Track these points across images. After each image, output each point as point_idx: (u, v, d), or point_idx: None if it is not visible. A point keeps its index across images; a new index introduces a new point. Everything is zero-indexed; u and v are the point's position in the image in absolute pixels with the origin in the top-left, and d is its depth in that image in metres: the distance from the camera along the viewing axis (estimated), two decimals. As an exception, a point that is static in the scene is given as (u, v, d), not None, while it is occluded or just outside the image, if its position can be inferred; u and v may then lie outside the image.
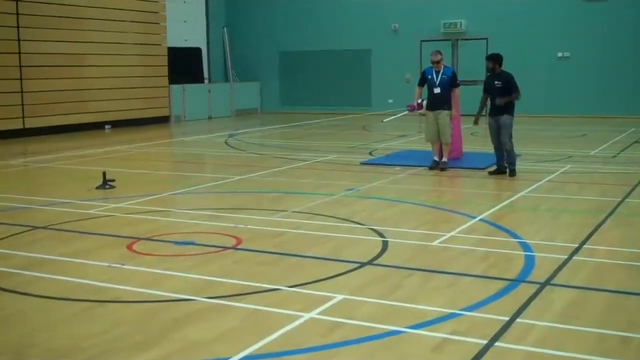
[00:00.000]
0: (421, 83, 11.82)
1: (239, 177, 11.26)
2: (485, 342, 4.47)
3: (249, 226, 7.74)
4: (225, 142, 16.62)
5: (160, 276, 5.99)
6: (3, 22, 17.53)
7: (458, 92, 11.80)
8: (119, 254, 6.65)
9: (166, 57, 22.31)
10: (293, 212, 8.49)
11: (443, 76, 11.56)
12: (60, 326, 4.86)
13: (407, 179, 10.99)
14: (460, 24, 23.84)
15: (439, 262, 6.37)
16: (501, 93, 10.75)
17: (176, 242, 7.07)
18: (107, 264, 6.29)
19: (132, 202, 9.23)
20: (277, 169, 12.07)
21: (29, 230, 7.70)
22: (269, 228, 7.68)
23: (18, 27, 17.87)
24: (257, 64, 26.82)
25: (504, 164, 10.87)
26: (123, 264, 6.29)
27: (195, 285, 5.72)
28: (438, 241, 7.03)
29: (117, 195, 9.69)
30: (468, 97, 19.38)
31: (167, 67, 22.32)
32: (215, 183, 10.88)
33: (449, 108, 11.64)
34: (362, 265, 6.23)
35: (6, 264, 6.29)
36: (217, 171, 12.54)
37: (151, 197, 9.60)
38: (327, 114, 24.41)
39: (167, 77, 22.35)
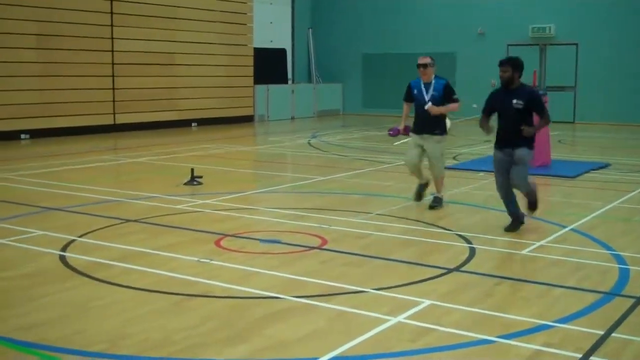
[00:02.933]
0: (408, 98, 9.05)
1: (322, 178, 11.30)
2: (579, 356, 4.34)
3: (333, 227, 7.76)
4: (308, 143, 16.73)
5: (248, 273, 6.06)
6: (98, 21, 18.13)
7: (457, 106, 8.86)
8: (208, 250, 6.77)
9: (252, 57, 22.63)
10: (377, 214, 8.46)
11: (434, 92, 8.75)
12: (152, 318, 4.97)
13: (492, 185, 10.66)
14: (549, 29, 23.28)
15: (529, 272, 6.23)
16: (521, 117, 7.46)
17: (262, 240, 7.15)
18: (196, 259, 6.41)
19: (218, 198, 9.38)
20: (360, 171, 12.06)
21: (122, 223, 7.93)
22: (353, 230, 7.68)
23: (112, 25, 18.46)
24: (340, 65, 26.90)
25: (519, 211, 7.81)
26: (211, 260, 6.40)
27: (282, 284, 5.77)
28: (527, 250, 6.87)
29: (204, 192, 9.88)
30: (556, 104, 18.95)
31: (252, 68, 22.64)
32: (298, 183, 10.96)
33: (441, 132, 8.85)
34: (449, 271, 6.15)
35: (102, 255, 6.49)
36: (299, 171, 12.63)
37: (237, 195, 9.74)
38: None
39: (252, 78, 22.67)
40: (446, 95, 8.73)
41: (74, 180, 10.80)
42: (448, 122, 9.01)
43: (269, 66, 24.04)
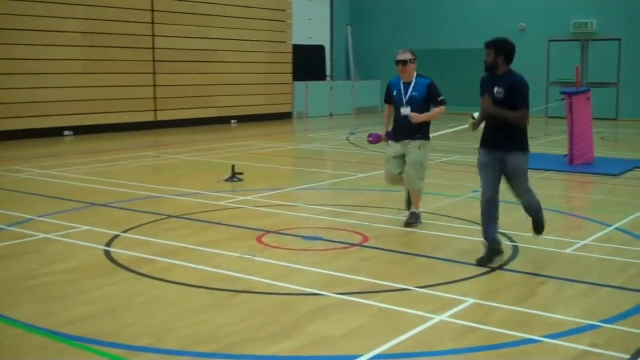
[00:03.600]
0: (388, 99, 7.89)
1: (362, 175, 11.29)
2: (627, 356, 4.28)
3: (374, 224, 7.74)
4: (347, 139, 16.72)
5: (290, 269, 6.09)
6: (139, 18, 18.34)
7: (443, 110, 7.72)
8: (249, 246, 6.81)
9: (291, 54, 22.69)
10: (419, 212, 8.40)
11: (413, 93, 7.61)
12: (197, 313, 5.02)
13: (535, 182, 10.52)
14: (591, 24, 22.91)
15: (574, 271, 6.14)
16: (503, 107, 6.18)
17: (304, 237, 7.16)
18: (239, 255, 6.45)
19: (258, 195, 9.43)
20: (400, 168, 11.98)
21: (164, 218, 8.02)
22: (394, 227, 7.66)
23: (153, 23, 18.66)
24: (379, 62, 26.80)
25: (497, 239, 6.41)
26: (253, 256, 6.43)
27: (324, 280, 5.78)
28: (571, 249, 6.78)
29: (244, 188, 9.94)
30: (598, 100, 18.65)
31: (291, 65, 22.70)
32: (338, 180, 10.96)
33: (424, 137, 7.65)
34: (493, 269, 6.10)
35: (145, 251, 6.58)
36: (339, 168, 12.63)
37: (277, 191, 9.78)
38: (451, 113, 24.04)
39: (291, 74, 22.73)
40: (430, 96, 7.58)
41: (116, 176, 10.95)
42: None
43: (308, 63, 24.08)
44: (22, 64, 15.99)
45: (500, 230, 7.42)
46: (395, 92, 7.71)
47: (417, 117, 7.55)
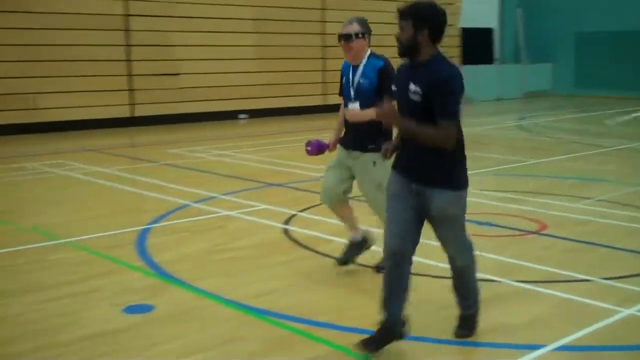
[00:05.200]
0: (341, 90, 5.58)
1: (535, 161, 10.95)
2: None
3: (551, 212, 7.49)
4: (517, 124, 16.26)
5: (465, 255, 6.02)
6: (309, 5, 18.73)
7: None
8: (423, 230, 6.80)
9: (459, 37, 22.33)
10: (598, 200, 8.06)
11: (361, 80, 5.28)
12: (372, 294, 5.02)
13: None
14: None
15: None
16: (419, 117, 3.92)
17: (478, 222, 7.05)
18: (412, 238, 6.45)
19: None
20: (575, 154, 11.54)
21: (337, 200, 8.19)
22: (573, 215, 7.37)
23: (323, 9, 19.00)
24: (550, 44, 25.77)
25: (399, 316, 4.21)
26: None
27: (500, 267, 5.68)
28: None
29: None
30: None
31: (460, 48, 22.35)
32: (509, 165, 10.69)
33: (378, 147, 4.85)
34: (684, 263, 5.74)
35: (321, 230, 6.76)
36: (510, 153, 12.29)
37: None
38: (628, 98, 22.73)
39: (459, 58, 22.38)
40: (382, 85, 5.14)
41: (290, 157, 11.30)
42: None
43: (475, 46, 23.63)
44: (198, 51, 16.85)
45: (691, 223, 6.95)
46: (344, 80, 5.47)
47: (352, 114, 5.28)
